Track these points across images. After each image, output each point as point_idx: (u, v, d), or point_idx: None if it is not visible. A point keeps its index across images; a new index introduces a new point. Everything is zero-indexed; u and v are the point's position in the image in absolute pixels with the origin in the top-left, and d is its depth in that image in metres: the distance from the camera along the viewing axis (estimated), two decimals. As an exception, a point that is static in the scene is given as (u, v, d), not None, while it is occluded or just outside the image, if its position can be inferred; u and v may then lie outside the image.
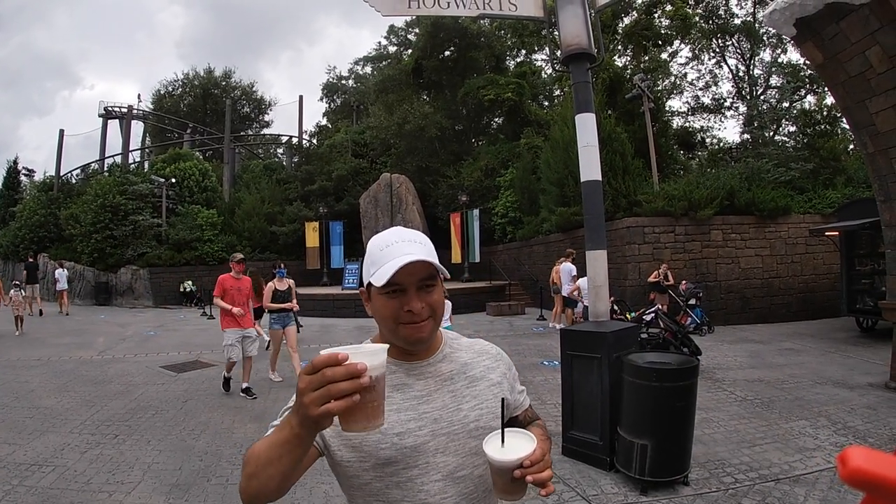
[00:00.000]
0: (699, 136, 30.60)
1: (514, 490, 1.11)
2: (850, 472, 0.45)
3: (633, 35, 27.49)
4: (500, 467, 1.09)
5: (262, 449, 1.03)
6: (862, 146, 7.29)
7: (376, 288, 1.17)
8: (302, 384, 0.89)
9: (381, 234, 1.25)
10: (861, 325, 11.60)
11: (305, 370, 0.90)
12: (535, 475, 1.05)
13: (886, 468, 0.44)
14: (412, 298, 1.18)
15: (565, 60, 5.66)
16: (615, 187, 14.68)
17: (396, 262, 1.13)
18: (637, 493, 4.11)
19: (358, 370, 0.87)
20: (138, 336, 13.70)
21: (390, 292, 1.17)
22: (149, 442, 5.53)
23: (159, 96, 48.03)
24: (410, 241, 1.21)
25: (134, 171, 29.82)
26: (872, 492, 0.45)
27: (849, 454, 0.45)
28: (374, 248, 1.21)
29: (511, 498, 1.13)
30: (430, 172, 26.98)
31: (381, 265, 1.16)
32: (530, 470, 1.06)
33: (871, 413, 5.95)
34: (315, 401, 0.86)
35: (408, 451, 1.15)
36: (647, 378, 4.09)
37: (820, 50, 6.89)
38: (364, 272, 1.23)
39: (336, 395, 0.86)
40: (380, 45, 42.73)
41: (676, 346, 8.41)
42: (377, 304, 1.21)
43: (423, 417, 1.19)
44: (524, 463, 1.07)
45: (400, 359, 1.25)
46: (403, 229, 1.26)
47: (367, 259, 1.23)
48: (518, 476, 1.06)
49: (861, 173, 15.34)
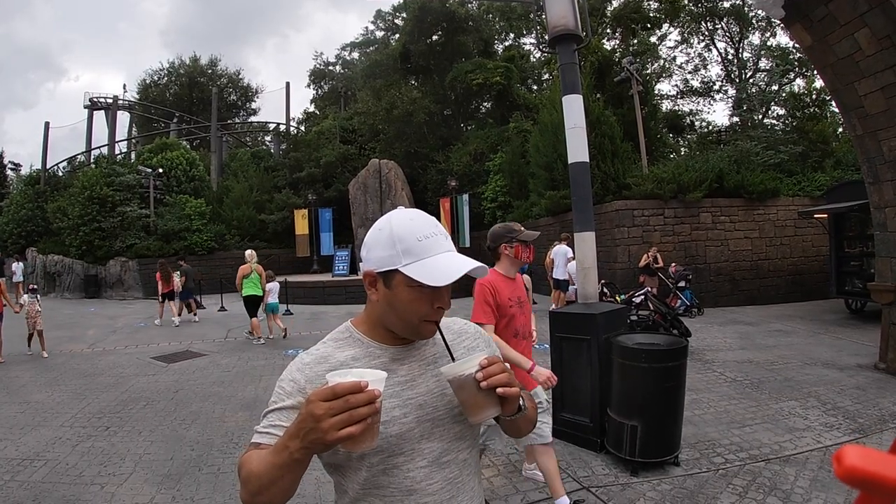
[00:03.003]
0: (688, 120, 30.68)
1: (485, 403, 1.11)
2: (846, 471, 0.45)
3: (622, 18, 27.45)
4: (459, 380, 1.10)
5: (261, 470, 1.02)
6: (851, 128, 7.30)
7: (409, 279, 1.12)
8: (320, 410, 0.90)
9: (410, 219, 1.18)
10: (850, 307, 11.71)
11: (321, 397, 0.91)
12: (499, 376, 1.08)
13: (882, 466, 0.45)
14: (444, 295, 1.17)
15: (552, 42, 5.62)
16: (604, 170, 14.69)
17: (457, 263, 1.13)
18: (628, 474, 4.13)
19: (375, 395, 0.92)
20: (129, 328, 13.64)
21: (423, 287, 1.12)
22: (140, 433, 5.52)
23: (145, 86, 47.41)
24: (444, 234, 1.19)
25: (121, 162, 29.50)
26: (868, 490, 0.46)
27: (844, 453, 0.45)
28: (408, 234, 1.14)
29: (486, 414, 1.13)
30: (419, 158, 26.91)
31: (422, 258, 1.12)
32: (492, 370, 1.08)
33: (861, 393, 6.01)
34: (336, 425, 0.89)
35: (393, 439, 1.14)
36: (636, 359, 4.10)
37: (808, 32, 6.87)
38: (382, 256, 1.16)
39: (357, 420, 0.90)
40: (367, 31, 42.64)
41: (666, 328, 8.47)
42: (402, 296, 1.15)
43: (407, 404, 1.17)
44: (481, 363, 1.09)
45: (385, 342, 1.23)
46: (425, 215, 1.22)
47: (392, 243, 1.14)
48: (481, 379, 1.08)
49: (850, 156, 15.38)
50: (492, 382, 1.08)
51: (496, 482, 4.13)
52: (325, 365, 1.17)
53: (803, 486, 3.85)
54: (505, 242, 3.50)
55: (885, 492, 0.45)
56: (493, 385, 1.08)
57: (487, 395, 1.09)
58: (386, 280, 1.16)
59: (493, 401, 1.11)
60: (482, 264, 1.17)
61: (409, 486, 1.16)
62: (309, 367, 1.17)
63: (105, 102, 38.79)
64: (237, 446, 5.06)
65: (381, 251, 1.16)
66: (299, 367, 1.18)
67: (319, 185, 27.51)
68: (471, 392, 1.10)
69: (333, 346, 1.23)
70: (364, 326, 1.26)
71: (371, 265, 1.18)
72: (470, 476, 1.25)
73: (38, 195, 28.47)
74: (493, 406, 1.12)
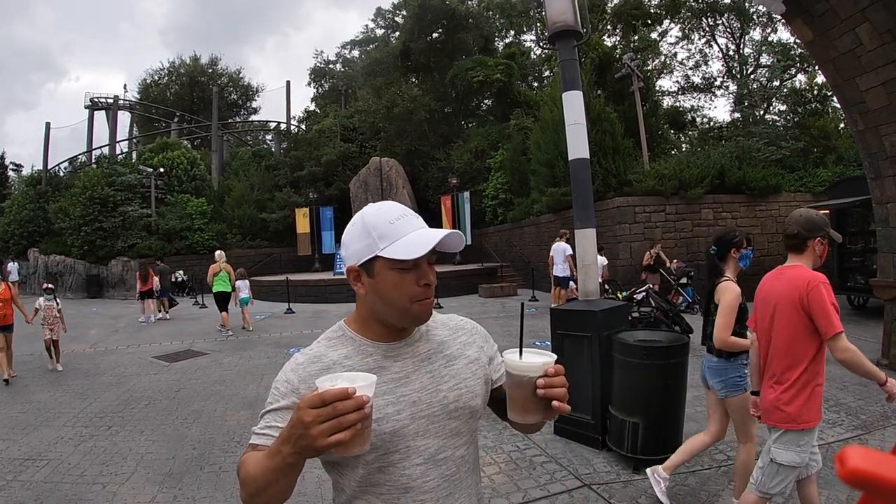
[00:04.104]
0: (689, 116, 30.69)
1: (533, 409, 1.12)
2: (849, 472, 0.45)
3: (623, 14, 27.41)
4: (519, 378, 1.11)
5: (257, 472, 1.02)
6: (852, 124, 7.28)
7: (389, 262, 1.13)
8: (309, 417, 0.90)
9: (378, 208, 1.21)
10: (852, 303, 11.69)
11: (310, 404, 0.91)
12: (559, 390, 1.09)
13: (884, 468, 0.45)
14: (428, 272, 1.17)
15: (552, 38, 5.62)
16: (605, 167, 14.66)
17: (429, 234, 1.14)
18: (630, 472, 4.13)
19: (364, 401, 0.91)
20: (131, 327, 13.64)
21: (404, 268, 1.14)
22: (142, 432, 5.53)
23: (145, 86, 47.40)
24: (415, 214, 1.21)
25: (122, 162, 29.54)
26: (871, 491, 0.45)
27: (847, 454, 0.45)
28: (380, 221, 1.16)
29: (527, 418, 1.14)
30: (420, 155, 26.93)
31: (397, 239, 1.14)
32: (555, 381, 1.09)
33: (863, 390, 5.99)
34: (324, 432, 0.89)
35: (387, 436, 1.13)
36: (638, 356, 4.10)
37: (809, 27, 6.85)
38: (360, 248, 1.17)
39: (346, 427, 0.90)
40: (367, 29, 42.60)
41: (668, 325, 8.45)
42: (387, 281, 1.15)
43: (401, 401, 1.17)
44: (548, 371, 1.10)
45: (377, 339, 1.23)
46: (393, 202, 1.24)
47: (366, 233, 1.16)
48: (541, 386, 1.08)
49: (852, 151, 15.36)
50: (549, 394, 1.09)
51: (497, 479, 4.12)
52: (319, 364, 1.18)
53: (806, 482, 3.84)
54: (820, 236, 2.74)
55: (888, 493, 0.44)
56: (550, 397, 1.09)
57: (539, 401, 1.10)
58: (368, 270, 1.17)
59: (541, 409, 1.12)
60: (457, 230, 1.19)
61: (406, 484, 1.16)
62: (302, 367, 1.18)
63: (106, 102, 38.75)
64: (239, 445, 5.06)
65: (357, 244, 1.18)
66: (293, 368, 1.19)
67: (320, 184, 27.55)
68: (525, 393, 1.11)
69: (327, 346, 1.24)
70: (356, 324, 1.26)
71: (351, 260, 1.20)
72: (468, 473, 1.25)
73: (40, 196, 28.50)
74: (540, 413, 1.12)
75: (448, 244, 1.17)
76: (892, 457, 0.45)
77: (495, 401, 1.37)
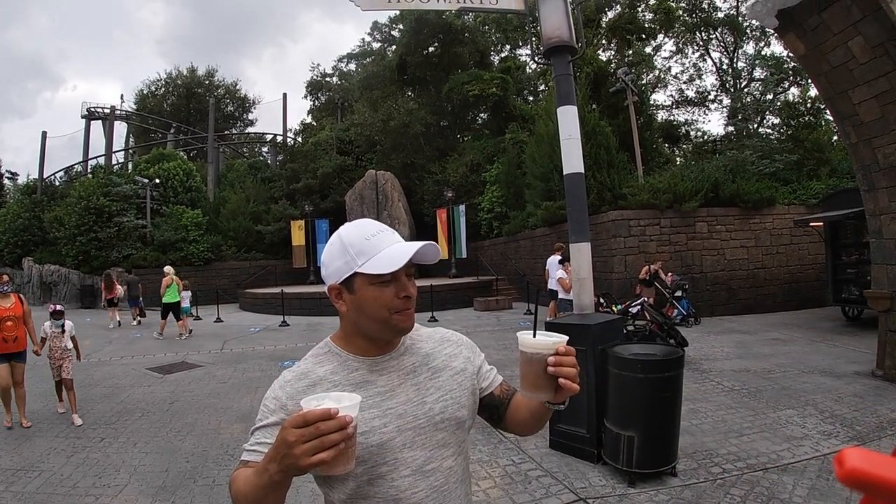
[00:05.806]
0: (683, 129, 30.86)
1: (543, 385, 1.17)
2: (847, 473, 0.45)
3: (617, 29, 27.65)
4: (531, 355, 1.16)
5: (246, 489, 1.05)
6: (845, 136, 7.33)
7: (369, 277, 1.17)
8: (292, 437, 0.91)
9: (354, 225, 1.24)
10: (847, 315, 11.71)
11: (294, 423, 0.92)
12: (568, 368, 1.14)
13: (883, 469, 0.45)
14: (407, 284, 1.20)
15: (547, 53, 5.66)
16: (600, 181, 14.69)
17: (405, 248, 1.17)
18: (625, 485, 4.12)
19: (346, 422, 0.92)
20: (124, 338, 13.58)
21: (383, 282, 1.17)
22: (135, 444, 5.49)
23: (142, 96, 47.46)
24: (390, 230, 1.24)
25: (118, 173, 29.45)
26: (870, 492, 0.46)
27: (846, 455, 0.46)
28: (356, 238, 1.19)
29: (538, 395, 1.18)
30: (416, 169, 26.96)
31: (374, 254, 1.17)
32: (565, 360, 1.14)
33: (858, 401, 6.01)
34: (307, 451, 0.90)
35: (374, 448, 1.15)
36: (632, 370, 4.09)
37: (802, 41, 6.92)
38: (339, 266, 1.20)
39: (328, 447, 0.91)
40: (364, 42, 42.94)
41: (663, 338, 8.45)
42: (367, 296, 1.18)
43: (387, 414, 1.19)
44: (559, 350, 1.15)
45: (362, 354, 1.25)
46: (370, 220, 1.27)
47: (344, 251, 1.19)
48: (552, 364, 1.13)
49: (845, 164, 15.45)
50: (559, 372, 1.14)
51: (493, 493, 4.10)
52: (306, 381, 1.21)
53: (801, 494, 3.84)
54: None
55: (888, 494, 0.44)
56: (559, 374, 1.14)
57: (549, 379, 1.15)
58: (349, 287, 1.21)
59: (551, 386, 1.16)
60: (432, 242, 1.22)
61: (395, 496, 1.17)
62: (290, 384, 1.21)
63: (102, 112, 38.73)
64: (232, 458, 5.03)
65: (337, 262, 1.21)
66: (281, 385, 1.21)
67: (316, 196, 27.54)
68: (536, 370, 1.16)
69: (313, 362, 1.26)
70: (341, 340, 1.28)
71: (332, 279, 1.23)
72: (457, 484, 1.26)
73: (35, 204, 28.43)
74: (549, 391, 1.17)
75: (425, 255, 1.20)
76: (891, 458, 0.46)
77: (487, 408, 1.40)
